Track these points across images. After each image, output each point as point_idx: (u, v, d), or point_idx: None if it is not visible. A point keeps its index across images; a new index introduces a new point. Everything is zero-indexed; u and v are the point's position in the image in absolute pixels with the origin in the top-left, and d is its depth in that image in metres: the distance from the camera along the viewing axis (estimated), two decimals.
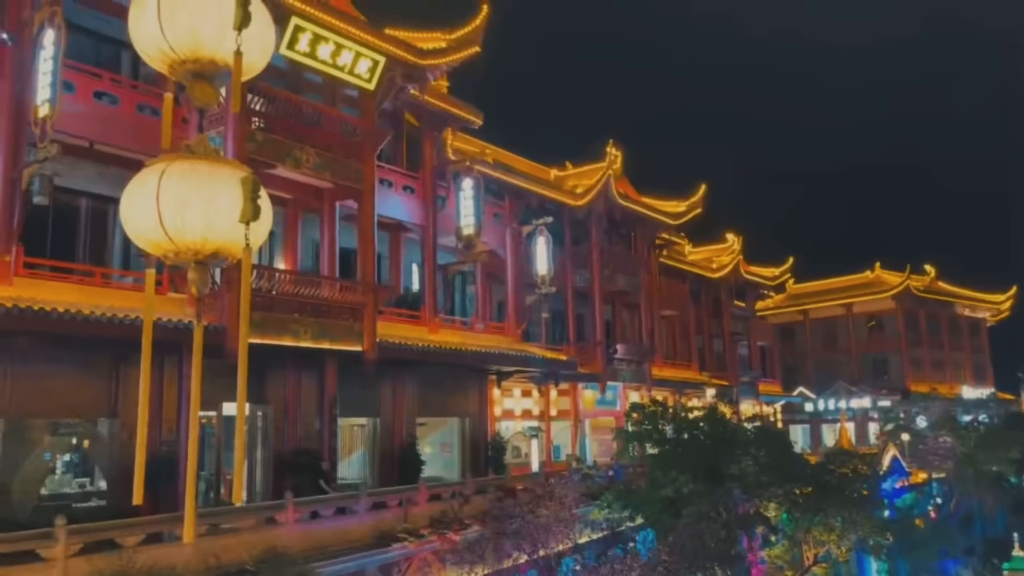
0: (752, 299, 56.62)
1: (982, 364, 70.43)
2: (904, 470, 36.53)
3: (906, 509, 36.56)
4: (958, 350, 68.14)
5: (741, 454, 23.92)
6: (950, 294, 67.21)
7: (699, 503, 20.44)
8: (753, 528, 22.76)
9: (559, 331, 36.76)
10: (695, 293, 50.05)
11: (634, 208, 39.79)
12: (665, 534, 19.42)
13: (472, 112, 28.53)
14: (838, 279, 68.59)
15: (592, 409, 36.66)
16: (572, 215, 36.62)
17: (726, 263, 51.35)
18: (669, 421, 26.71)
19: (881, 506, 29.88)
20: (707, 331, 51.10)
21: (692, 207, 43.75)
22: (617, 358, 37.45)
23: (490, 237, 29.44)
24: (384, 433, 24.22)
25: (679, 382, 43.52)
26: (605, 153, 38.51)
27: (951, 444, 43.53)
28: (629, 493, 22.95)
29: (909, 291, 62.42)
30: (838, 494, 24.77)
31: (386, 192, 25.30)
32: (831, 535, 24.02)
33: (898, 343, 63.58)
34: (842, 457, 28.79)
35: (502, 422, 30.81)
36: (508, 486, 21.55)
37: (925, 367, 63.98)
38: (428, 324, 26.14)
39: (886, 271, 66.38)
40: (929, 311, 65.51)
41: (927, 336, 65.13)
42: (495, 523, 16.97)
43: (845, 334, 66.56)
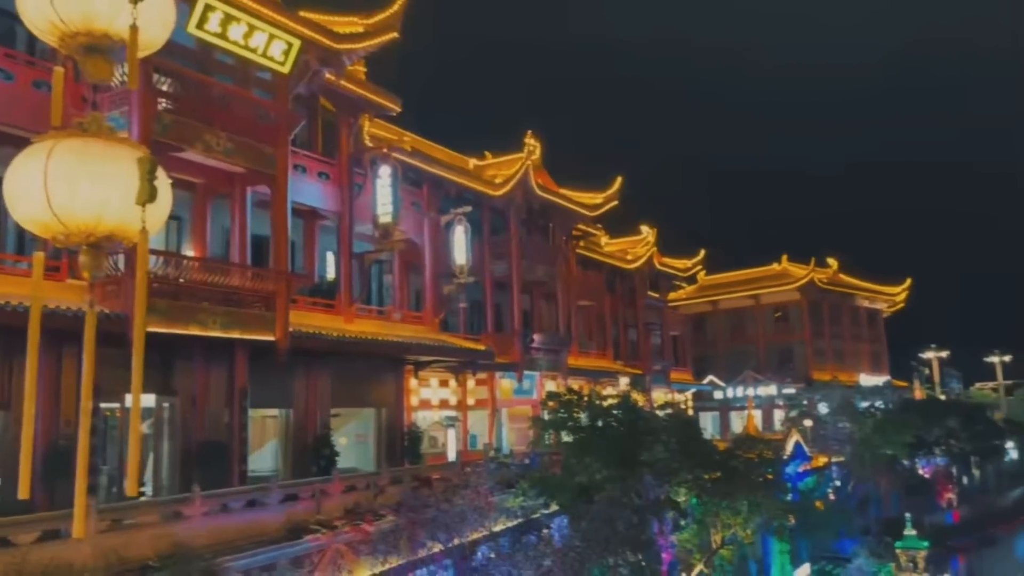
0: (665, 290, 57.92)
1: (879, 353, 73.94)
2: (806, 455, 38.06)
3: (808, 492, 38.12)
4: (857, 340, 71.32)
5: (653, 441, 24.49)
6: (851, 286, 70.25)
7: (611, 489, 20.83)
8: (664, 513, 23.31)
9: (477, 321, 36.80)
10: (611, 284, 50.86)
11: (552, 199, 40.10)
12: (578, 520, 19.72)
13: (390, 99, 28.19)
14: (747, 271, 70.85)
15: (509, 398, 36.86)
16: (491, 205, 36.63)
17: (641, 255, 52.34)
18: (584, 409, 27.15)
19: (784, 489, 31.00)
20: (622, 321, 52.01)
21: (608, 199, 44.40)
22: (534, 348, 37.73)
23: (408, 226, 29.21)
24: (297, 424, 23.79)
25: (595, 371, 44.18)
26: (524, 144, 38.67)
27: (850, 429, 45.62)
28: (544, 480, 23.18)
29: (813, 283, 64.96)
30: (745, 479, 25.59)
31: (300, 178, 24.78)
32: (737, 518, 24.81)
33: (802, 333, 66.13)
34: (749, 443, 29.78)
35: (419, 412, 30.66)
36: (424, 476, 21.49)
37: (827, 356, 66.75)
38: (344, 313, 25.78)
39: (792, 264, 68.87)
40: (831, 302, 68.32)
41: (829, 326, 67.93)
42: (410, 513, 16.90)
43: (753, 324, 68.81)
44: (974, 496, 55.53)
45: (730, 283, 70.08)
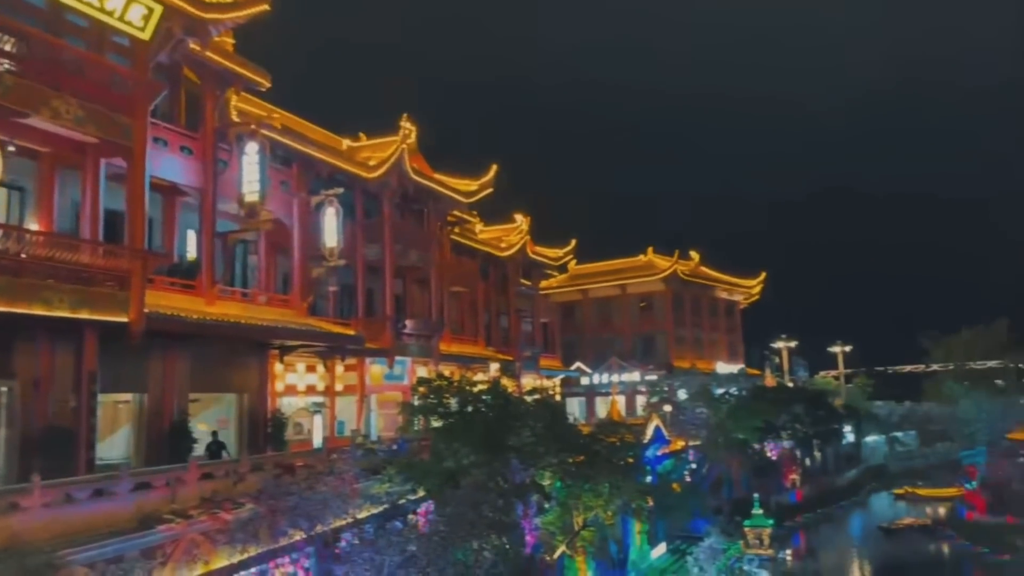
0: (537, 278, 58.89)
1: (735, 342, 78.09)
2: (665, 438, 39.66)
3: (666, 474, 39.79)
4: (716, 330, 75.03)
5: (521, 426, 24.92)
6: (711, 278, 73.73)
7: (478, 474, 21.04)
8: (529, 496, 23.76)
9: (347, 305, 36.21)
10: (484, 271, 51.21)
11: (427, 184, 39.89)
12: (444, 505, 19.82)
13: (259, 73, 27.20)
14: (615, 262, 73.07)
15: (380, 384, 36.51)
16: (364, 187, 36.06)
17: (515, 243, 52.94)
18: (454, 395, 27.28)
19: (644, 472, 32.30)
20: (495, 308, 52.51)
21: (484, 187, 44.60)
22: (406, 333, 37.52)
23: (276, 206, 28.32)
24: (152, 410, 22.71)
25: (466, 357, 44.42)
26: (399, 127, 38.22)
27: (706, 415, 47.98)
28: (412, 466, 23.13)
29: (676, 275, 67.75)
30: (607, 462, 26.48)
31: (160, 151, 23.55)
32: (599, 500, 25.64)
33: (665, 322, 68.89)
34: (612, 428, 30.83)
35: (284, 398, 29.88)
36: (287, 463, 20.99)
37: (688, 344, 69.87)
38: (205, 295, 24.76)
39: (658, 255, 71.53)
40: (693, 293, 71.50)
41: (690, 316, 71.10)
42: (271, 501, 16.45)
43: (619, 313, 71.09)
44: (815, 477, 59.68)
45: (599, 273, 72.06)
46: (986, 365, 72.85)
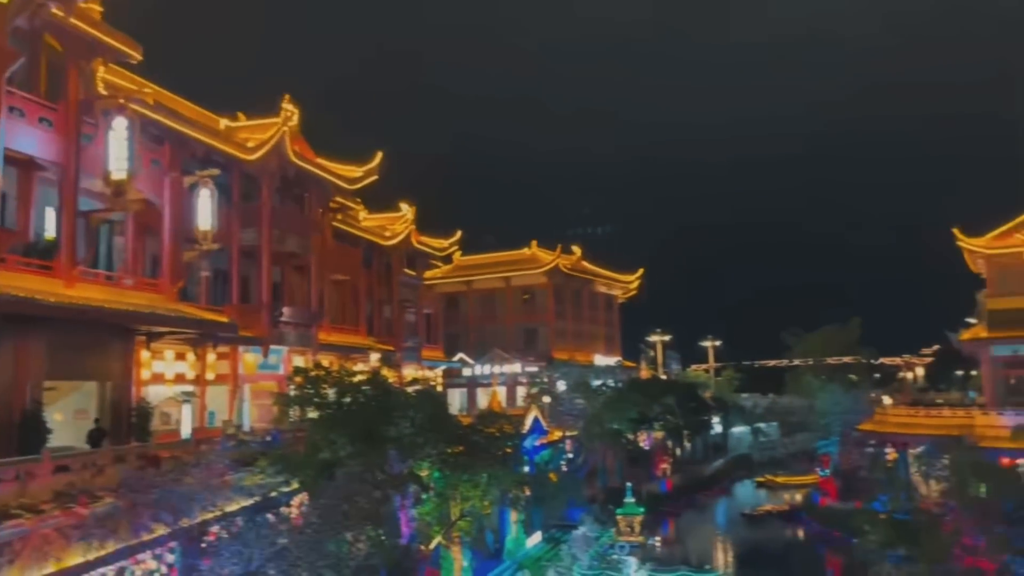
0: (422, 268, 58.52)
1: (612, 336, 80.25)
2: (543, 429, 40.39)
3: (543, 464, 40.54)
4: (595, 323, 76.85)
5: (400, 417, 24.75)
6: (592, 273, 75.41)
7: (354, 465, 20.76)
8: (406, 487, 23.64)
9: (221, 291, 34.86)
10: (367, 259, 50.44)
11: (309, 168, 38.88)
12: (318, 497, 19.45)
13: (129, 44, 25.72)
14: (500, 254, 73.59)
15: (254, 373, 35.39)
16: (242, 169, 34.78)
17: (399, 231, 52.39)
18: (332, 385, 26.79)
19: (522, 462, 32.77)
20: (377, 297, 51.83)
21: (368, 173, 43.85)
22: (283, 321, 36.51)
23: (145, 185, 26.85)
24: (1, 399, 21.14)
25: (346, 347, 43.66)
26: (281, 108, 37.03)
27: (583, 406, 49.15)
28: (286, 458, 22.60)
29: (559, 268, 68.89)
30: (486, 453, 26.71)
31: (16, 122, 21.91)
32: (477, 491, 25.83)
33: (547, 315, 69.97)
34: (492, 418, 31.07)
35: (151, 387, 28.48)
36: (151, 454, 20.05)
37: (568, 337, 71.23)
38: (63, 277, 23.22)
39: (541, 249, 72.51)
40: (574, 287, 72.94)
41: (571, 309, 72.52)
42: (132, 494, 15.68)
43: (503, 305, 71.69)
44: (685, 466, 62.18)
45: (484, 265, 72.38)
46: (841, 361, 77.69)
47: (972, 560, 22.79)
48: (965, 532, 23.01)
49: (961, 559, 23.04)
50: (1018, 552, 22.14)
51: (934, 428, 42.52)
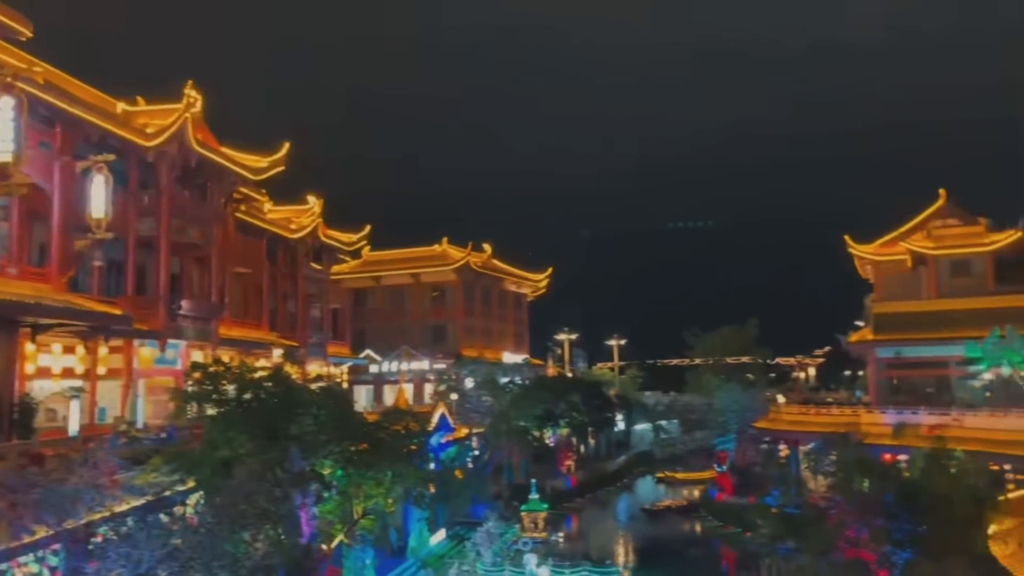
0: (329, 262, 57.52)
1: (521, 333, 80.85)
2: (450, 426, 40.32)
3: (449, 461, 40.44)
4: (504, 320, 77.23)
5: (303, 414, 24.30)
6: (502, 271, 75.76)
7: (253, 463, 20.25)
8: (308, 486, 23.21)
9: (116, 282, 33.39)
10: (272, 252, 49.26)
11: (212, 157, 37.65)
12: (215, 495, 18.88)
13: (19, 20, 24.44)
14: (410, 250, 73.05)
15: (149, 368, 34.07)
16: (141, 156, 33.42)
17: (306, 225, 51.35)
18: (232, 381, 26.07)
19: (428, 460, 32.62)
20: (281, 291, 50.66)
21: (275, 164, 42.82)
22: (182, 315, 35.28)
23: (33, 168, 25.48)
24: None
25: (248, 342, 42.52)
26: (183, 94, 35.74)
27: (491, 403, 49.31)
28: (181, 456, 21.86)
29: (469, 266, 68.91)
30: (390, 450, 26.45)
31: None
32: (380, 489, 25.55)
33: (456, 312, 69.91)
34: (398, 415, 30.79)
35: (36, 381, 27.05)
36: (34, 452, 19.04)
37: (477, 334, 71.37)
38: None
39: (452, 246, 72.37)
40: (484, 285, 73.10)
41: (480, 307, 72.67)
42: (12, 494, 14.85)
43: (412, 301, 71.22)
44: (589, 462, 63.17)
45: (393, 260, 71.73)
46: (739, 360, 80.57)
47: (854, 551, 23.99)
48: (849, 525, 24.19)
49: (844, 551, 24.22)
50: (896, 543, 23.43)
51: (823, 426, 44.59)
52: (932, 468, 25.72)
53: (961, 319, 44.89)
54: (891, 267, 55.96)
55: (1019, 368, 38.87)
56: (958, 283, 50.83)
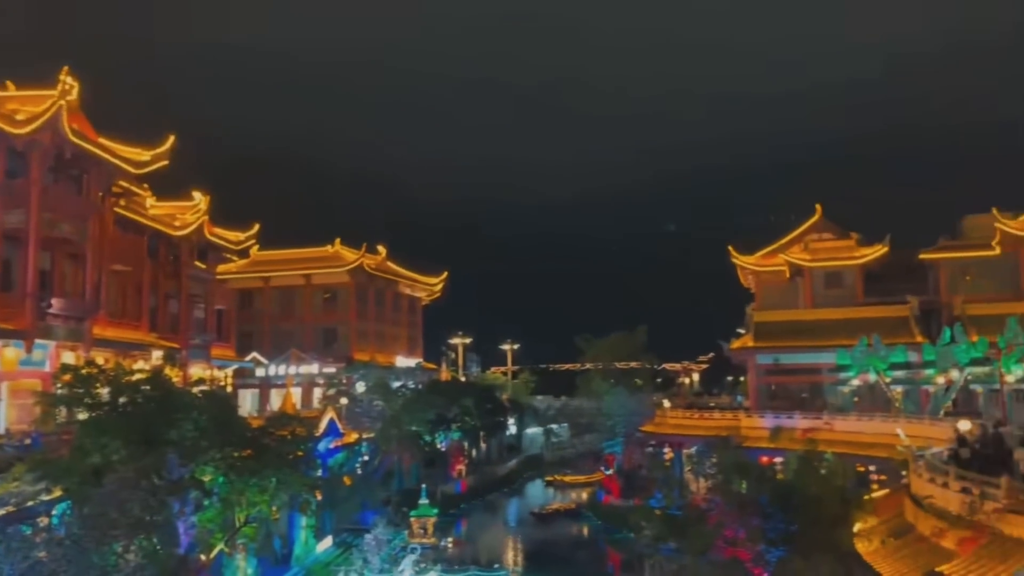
0: (215, 261, 55.46)
1: (415, 337, 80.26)
2: (339, 431, 39.57)
3: (337, 467, 39.69)
4: (398, 324, 76.47)
5: (183, 419, 23.39)
6: (396, 274, 75.00)
7: (126, 470, 19.29)
8: (186, 493, 22.29)
9: None
10: (153, 249, 47.13)
11: (89, 148, 35.69)
12: (84, 505, 17.86)
13: None
14: (301, 250, 71.27)
15: (13, 370, 32.05)
16: (9, 144, 31.44)
17: (191, 222, 49.34)
18: (106, 384, 24.85)
19: (315, 466, 31.86)
20: (163, 291, 48.52)
21: (158, 157, 40.94)
22: (52, 313, 33.32)
23: None
24: None
25: (125, 343, 40.53)
26: (58, 80, 33.73)
27: (382, 407, 48.71)
28: (47, 463, 20.63)
29: (363, 268, 67.85)
30: (275, 456, 25.74)
31: None
32: (264, 496, 24.82)
33: (348, 315, 68.69)
34: (284, 420, 29.98)
35: None
36: None
37: (369, 338, 70.35)
38: None
39: (345, 247, 71.06)
40: (378, 287, 72.15)
41: (374, 310, 71.68)
42: None
43: (302, 303, 69.51)
44: (480, 467, 63.31)
45: (283, 260, 69.85)
46: (628, 365, 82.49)
47: (732, 551, 24.98)
48: (727, 525, 25.17)
49: (723, 550, 25.18)
50: (770, 542, 24.53)
51: (706, 429, 46.28)
52: (804, 470, 27.08)
53: (833, 328, 47.57)
54: (771, 277, 58.75)
55: (884, 374, 41.49)
56: (831, 294, 53.90)
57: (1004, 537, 15.35)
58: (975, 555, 15.41)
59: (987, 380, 39.33)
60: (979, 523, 16.03)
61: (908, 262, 53.43)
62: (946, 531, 17.08)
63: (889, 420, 37.82)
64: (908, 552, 18.32)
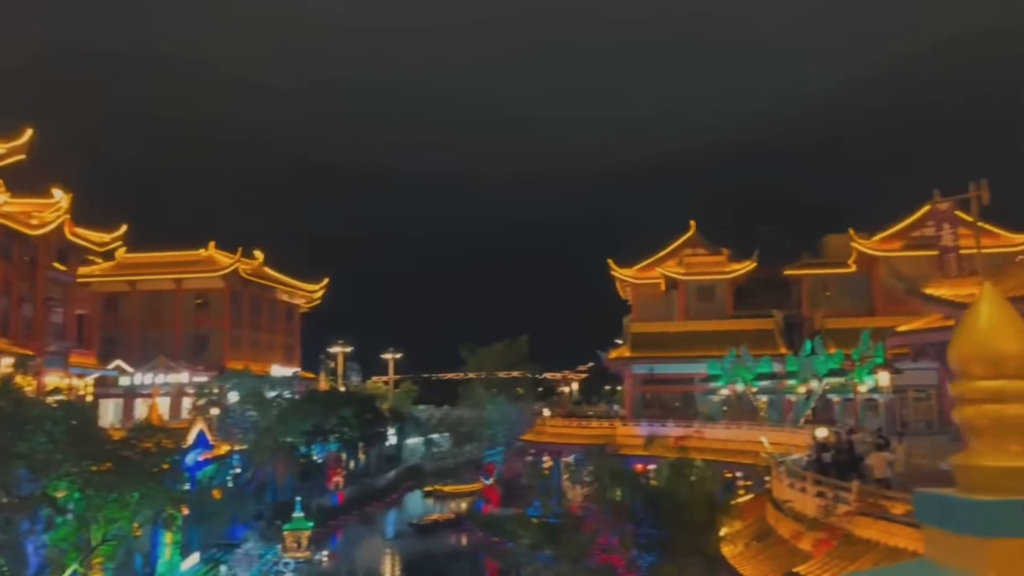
0: (76, 263, 52.17)
1: (292, 345, 78.08)
2: (209, 443, 37.92)
3: (206, 480, 38.01)
4: (274, 331, 74.19)
5: (34, 430, 21.84)
6: (274, 280, 72.81)
7: None
8: (37, 510, 20.83)
9: None
10: (6, 249, 43.87)
11: None
12: None
13: None
14: (171, 254, 68.08)
15: None
16: None
17: (49, 221, 46.19)
18: None
19: (182, 479, 30.45)
20: (16, 293, 45.17)
21: (14, 151, 38.30)
22: None
23: None
24: None
25: None
26: None
27: (256, 418, 47.07)
28: None
29: (238, 273, 65.53)
30: (138, 470, 24.43)
31: None
32: (125, 512, 23.50)
33: (222, 321, 66.09)
34: (149, 432, 28.52)
35: None
36: None
37: (244, 346, 67.91)
38: None
39: (220, 252, 68.40)
40: (254, 293, 69.80)
41: (249, 316, 69.26)
42: None
43: (172, 309, 66.38)
44: (358, 478, 62.17)
45: (152, 264, 66.55)
46: (510, 375, 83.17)
47: (606, 557, 25.50)
48: (602, 532, 25.68)
49: (598, 556, 25.67)
50: (642, 548, 25.20)
51: (584, 438, 47.12)
52: (675, 477, 27.95)
53: (704, 340, 49.44)
54: (648, 290, 60.61)
55: (751, 385, 43.46)
56: (703, 307, 56.09)
57: (855, 538, 16.31)
58: (828, 556, 16.31)
59: (842, 390, 41.86)
60: (832, 525, 16.96)
61: (774, 278, 56.31)
62: (803, 533, 17.99)
63: (755, 428, 39.60)
64: (769, 554, 19.21)
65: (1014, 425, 2.01)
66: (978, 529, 1.89)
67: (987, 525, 1.88)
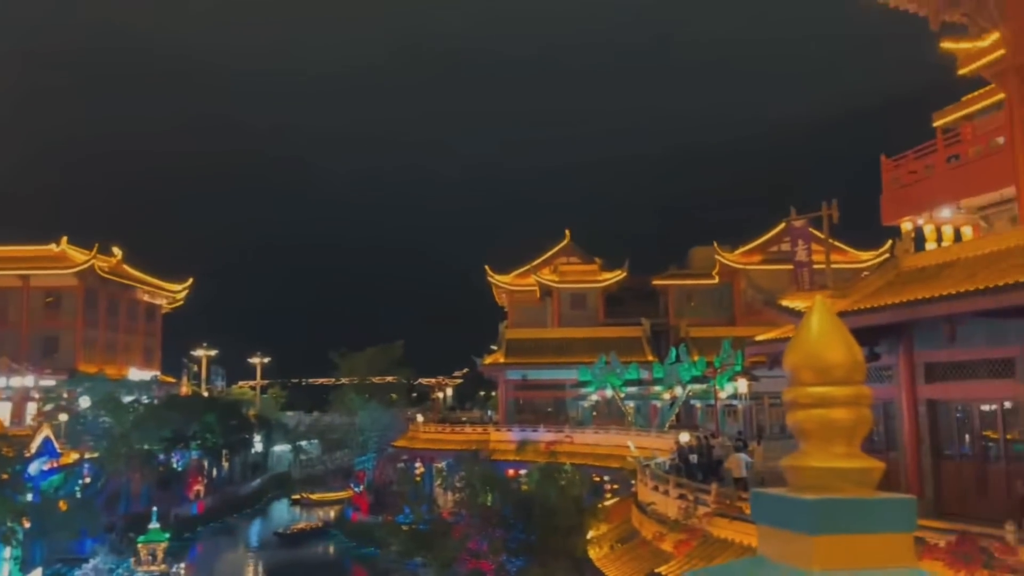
0: None
1: (152, 348, 74.09)
2: (55, 451, 35.45)
3: (52, 491, 35.52)
4: (132, 333, 70.15)
5: None
6: (134, 278, 68.86)
7: None
8: None
9: None
10: None
11: None
12: None
13: None
14: (18, 248, 63.14)
15: None
16: None
17: None
18: None
19: (23, 489, 28.32)
20: None
21: None
22: None
23: None
24: None
25: None
26: None
27: (110, 424, 44.41)
28: None
29: (93, 270, 61.63)
30: None
31: None
32: None
33: (75, 321, 61.95)
34: None
35: None
36: None
37: (98, 347, 63.87)
38: None
39: (73, 247, 64.11)
40: (111, 292, 65.81)
41: (105, 317, 65.23)
42: None
43: (17, 307, 61.61)
44: (221, 487, 59.72)
45: None
46: (384, 380, 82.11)
47: (475, 563, 25.57)
48: (472, 537, 25.74)
49: (467, 562, 25.70)
50: (512, 552, 25.42)
51: (457, 444, 47.15)
52: (545, 481, 28.38)
53: (577, 346, 50.59)
54: (523, 296, 61.44)
55: (619, 390, 44.76)
56: (576, 314, 57.38)
57: (712, 538, 17.04)
58: (688, 556, 16.97)
59: (704, 396, 43.78)
60: (692, 526, 17.67)
61: (643, 287, 58.34)
62: (665, 535, 18.65)
63: (622, 433, 40.79)
64: (633, 556, 19.79)
65: (839, 428, 2.14)
66: (805, 526, 1.99)
67: (813, 522, 1.98)
